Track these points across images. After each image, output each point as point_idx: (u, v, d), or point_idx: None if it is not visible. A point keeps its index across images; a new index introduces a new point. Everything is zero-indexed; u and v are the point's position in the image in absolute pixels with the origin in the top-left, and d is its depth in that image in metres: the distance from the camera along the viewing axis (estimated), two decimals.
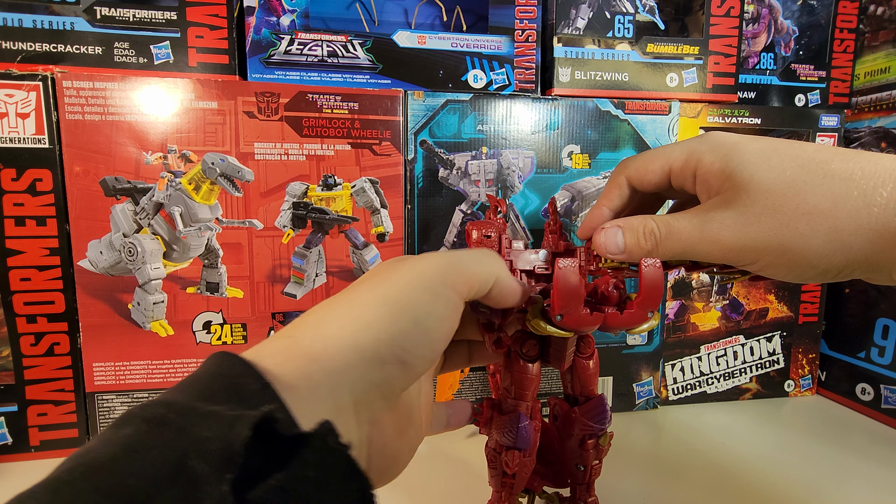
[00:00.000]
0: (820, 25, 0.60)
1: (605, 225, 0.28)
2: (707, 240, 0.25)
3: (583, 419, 0.31)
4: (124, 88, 0.43)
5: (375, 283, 0.22)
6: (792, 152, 0.24)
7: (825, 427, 0.54)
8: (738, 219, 0.24)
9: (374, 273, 0.23)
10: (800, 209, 0.23)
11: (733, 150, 0.25)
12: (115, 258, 0.44)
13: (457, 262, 0.23)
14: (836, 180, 0.23)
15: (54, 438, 0.45)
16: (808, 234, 0.23)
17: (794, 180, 0.23)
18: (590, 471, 0.32)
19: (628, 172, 0.30)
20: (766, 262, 0.24)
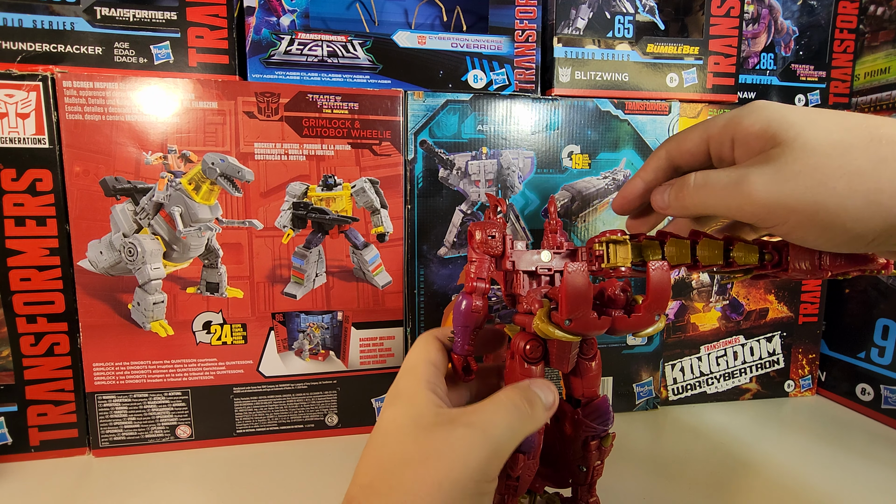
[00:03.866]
0: (820, 25, 0.60)
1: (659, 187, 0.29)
2: (740, 193, 0.24)
3: (586, 421, 0.31)
4: (124, 88, 0.43)
5: (424, 472, 0.22)
6: (838, 117, 0.24)
7: (825, 427, 0.54)
8: (774, 175, 0.23)
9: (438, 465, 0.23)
10: (840, 170, 0.22)
11: (777, 112, 0.25)
12: (115, 258, 0.44)
13: (504, 441, 0.24)
14: (882, 143, 0.22)
15: (54, 438, 0.45)
16: (846, 195, 0.22)
17: (840, 141, 0.22)
18: (592, 471, 0.32)
19: (668, 146, 0.30)
20: (796, 221, 0.23)
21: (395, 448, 0.24)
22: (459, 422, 0.24)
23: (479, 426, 0.24)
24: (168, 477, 0.43)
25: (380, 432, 0.25)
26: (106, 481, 0.42)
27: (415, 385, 0.26)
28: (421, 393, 0.26)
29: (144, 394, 0.46)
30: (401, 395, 0.26)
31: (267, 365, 0.48)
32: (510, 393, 0.26)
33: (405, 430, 0.24)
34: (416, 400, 0.26)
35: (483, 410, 0.24)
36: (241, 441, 0.48)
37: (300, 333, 0.49)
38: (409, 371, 0.27)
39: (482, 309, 0.29)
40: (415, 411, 0.25)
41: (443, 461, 0.23)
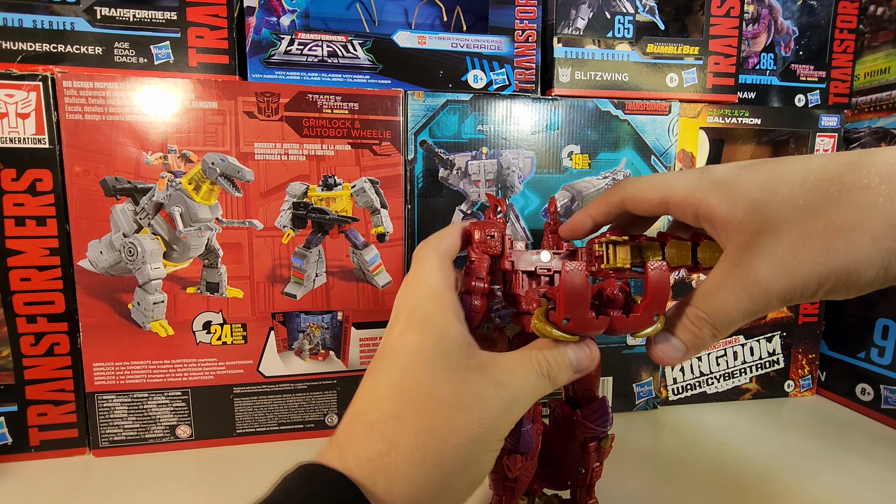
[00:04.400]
0: (820, 26, 0.60)
1: (653, 338, 0.26)
2: (758, 296, 0.23)
3: (584, 422, 0.30)
4: (124, 88, 0.43)
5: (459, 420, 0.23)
6: (798, 176, 0.23)
7: (825, 427, 0.54)
8: (770, 260, 0.22)
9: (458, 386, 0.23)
10: (829, 230, 0.21)
11: (736, 187, 0.24)
12: (115, 258, 0.44)
13: (524, 403, 0.24)
14: (854, 192, 0.21)
15: (54, 438, 0.45)
16: (852, 252, 0.21)
17: (810, 205, 0.22)
18: (591, 473, 0.32)
19: (624, 195, 0.29)
20: (825, 290, 0.22)
21: (426, 384, 0.23)
22: (491, 376, 0.24)
23: (509, 387, 0.24)
24: (168, 477, 0.43)
25: (405, 357, 0.24)
26: (106, 481, 0.42)
27: (443, 315, 0.25)
28: (452, 326, 0.25)
29: (144, 394, 0.46)
30: (429, 323, 0.25)
31: (267, 365, 0.48)
32: (540, 358, 0.25)
33: (436, 365, 0.24)
34: (447, 333, 0.25)
35: (513, 371, 0.24)
36: (241, 441, 0.48)
37: (300, 333, 0.49)
38: (434, 296, 0.26)
39: (481, 308, 0.29)
40: (446, 347, 0.24)
41: (475, 414, 0.23)
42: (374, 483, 0.22)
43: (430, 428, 0.22)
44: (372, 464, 0.22)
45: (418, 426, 0.22)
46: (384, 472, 0.22)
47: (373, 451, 0.22)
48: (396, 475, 0.22)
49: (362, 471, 0.22)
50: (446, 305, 0.25)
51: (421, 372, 0.24)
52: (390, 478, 0.22)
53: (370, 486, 0.21)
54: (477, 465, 0.23)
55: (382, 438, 0.22)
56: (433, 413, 0.22)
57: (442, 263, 0.27)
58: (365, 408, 0.24)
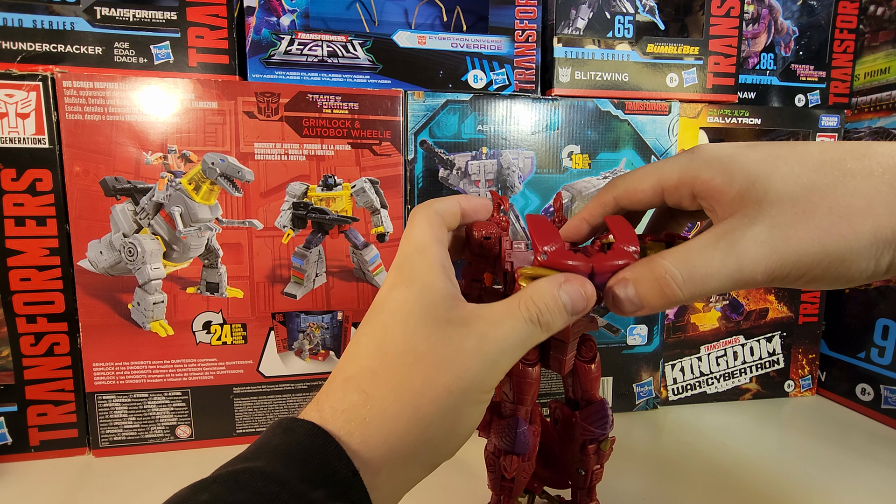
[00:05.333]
0: (820, 26, 0.60)
1: (609, 283, 0.24)
2: (746, 266, 0.21)
3: (583, 424, 0.30)
4: (124, 88, 0.43)
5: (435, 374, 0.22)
6: (797, 156, 0.22)
7: (825, 427, 0.54)
8: (771, 233, 0.21)
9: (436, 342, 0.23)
10: (834, 211, 0.21)
11: (732, 163, 0.23)
12: (115, 258, 0.44)
13: (511, 354, 0.23)
14: (857, 179, 0.21)
15: (54, 438, 0.45)
16: (852, 237, 0.21)
17: (813, 183, 0.21)
18: (590, 475, 0.32)
19: (617, 192, 0.28)
20: (814, 274, 0.21)
21: (404, 338, 0.23)
22: (473, 328, 0.23)
23: (493, 339, 0.22)
24: (168, 477, 0.43)
25: (387, 313, 0.24)
26: (106, 481, 0.42)
27: (428, 269, 0.24)
28: (437, 279, 0.24)
29: (144, 394, 0.46)
30: (414, 278, 0.24)
31: (267, 365, 0.48)
32: (530, 304, 0.23)
33: (417, 319, 0.23)
34: (432, 287, 0.24)
35: (497, 321, 0.23)
36: (241, 441, 0.48)
37: (300, 333, 0.49)
38: (421, 251, 0.25)
39: None
40: (429, 300, 0.23)
41: (454, 368, 0.22)
42: (348, 433, 0.21)
43: (405, 382, 0.22)
44: (347, 414, 0.22)
45: (394, 380, 0.22)
46: (359, 423, 0.22)
47: (348, 402, 0.22)
48: (371, 426, 0.22)
49: (337, 421, 0.22)
50: (432, 259, 0.24)
51: (401, 327, 0.23)
52: (365, 428, 0.21)
53: (345, 437, 0.21)
54: (458, 418, 0.23)
55: (359, 391, 0.22)
56: (410, 367, 0.22)
57: (431, 221, 0.26)
58: (345, 364, 0.24)
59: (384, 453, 0.21)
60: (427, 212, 0.26)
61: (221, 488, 0.18)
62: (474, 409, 0.23)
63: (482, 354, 0.22)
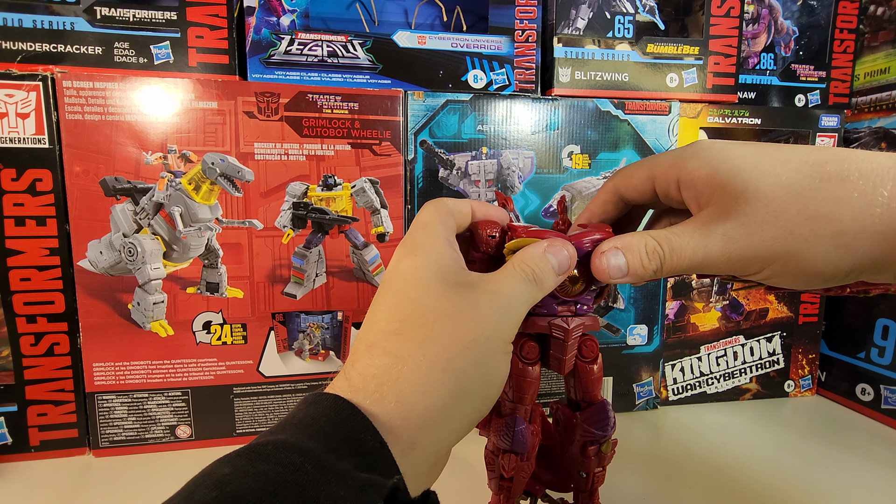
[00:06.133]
0: (820, 26, 0.60)
1: (602, 247, 0.26)
2: (712, 254, 0.24)
3: (584, 425, 0.30)
4: (124, 88, 0.43)
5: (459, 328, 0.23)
6: (783, 156, 0.23)
7: (825, 427, 0.54)
8: (740, 229, 0.23)
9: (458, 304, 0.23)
10: (801, 214, 0.22)
11: (719, 155, 0.24)
12: (115, 258, 0.44)
13: (518, 308, 0.24)
14: (833, 183, 0.22)
15: (54, 438, 0.45)
16: (813, 240, 0.22)
17: (791, 185, 0.23)
18: (592, 478, 0.31)
19: (616, 181, 0.30)
20: (771, 271, 0.23)
21: (422, 299, 0.23)
22: (483, 288, 0.24)
23: (501, 294, 0.24)
24: (168, 477, 0.43)
25: (398, 280, 0.24)
26: (106, 481, 0.42)
27: (434, 239, 0.25)
28: (443, 247, 0.25)
29: (144, 394, 0.46)
30: (421, 247, 0.25)
31: (267, 365, 0.48)
32: (522, 265, 0.25)
33: (430, 282, 0.24)
34: (438, 253, 0.25)
35: (501, 280, 0.25)
36: (242, 441, 0.48)
37: (300, 333, 0.49)
38: (425, 226, 0.26)
39: None
40: (438, 265, 0.24)
41: (475, 320, 0.23)
42: (381, 396, 0.21)
43: (432, 337, 0.22)
44: (377, 379, 0.22)
45: (420, 336, 0.22)
46: (391, 384, 0.21)
47: (377, 366, 0.22)
48: (405, 384, 0.21)
49: (368, 387, 0.22)
50: (437, 234, 0.26)
51: (415, 289, 0.24)
52: (398, 388, 0.21)
53: (377, 400, 0.21)
54: (488, 368, 0.23)
55: (385, 353, 0.22)
56: (433, 324, 0.23)
57: (438, 210, 0.27)
58: (365, 333, 0.24)
59: (422, 410, 0.21)
60: (437, 204, 0.28)
61: (243, 460, 0.18)
62: (502, 359, 0.24)
63: (496, 307, 0.23)
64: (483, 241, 0.28)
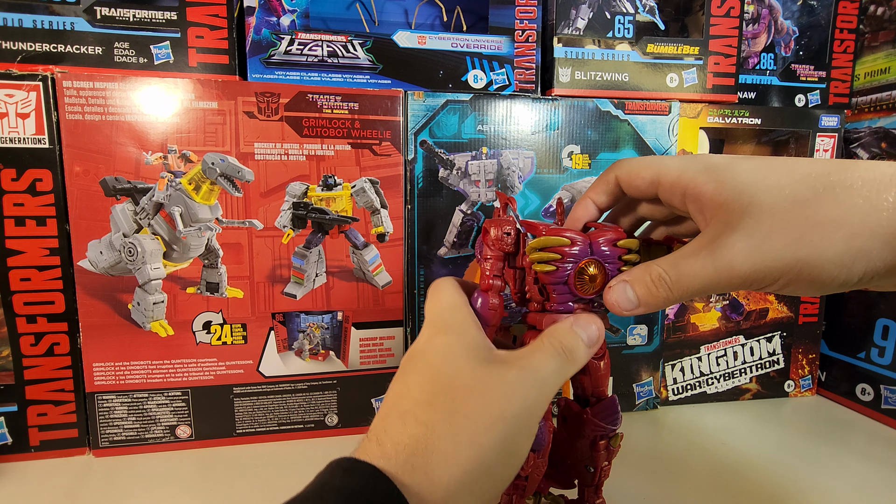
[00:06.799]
0: (820, 26, 0.60)
1: (610, 283, 0.27)
2: (722, 271, 0.24)
3: (595, 420, 0.30)
4: (124, 88, 0.43)
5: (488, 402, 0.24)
6: (786, 168, 0.24)
7: (825, 427, 0.54)
8: (747, 241, 0.23)
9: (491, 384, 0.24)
10: (810, 221, 0.22)
11: (726, 171, 0.25)
12: (115, 258, 0.44)
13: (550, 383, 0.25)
14: (837, 190, 0.22)
15: (54, 438, 0.45)
16: (825, 245, 0.22)
17: (795, 195, 0.23)
18: (599, 472, 0.32)
19: (619, 172, 0.30)
20: (786, 280, 0.23)
21: (453, 375, 0.24)
22: (512, 364, 0.25)
23: (530, 369, 0.25)
24: (168, 477, 0.43)
25: (431, 355, 0.26)
26: (106, 481, 0.42)
27: (463, 321, 0.27)
28: (473, 329, 0.27)
29: (144, 394, 0.46)
30: (451, 327, 0.27)
31: (267, 365, 0.48)
32: (552, 340, 0.26)
33: (461, 359, 0.25)
34: (469, 334, 0.26)
35: (530, 356, 0.25)
36: (241, 441, 0.48)
37: (300, 333, 0.49)
38: (454, 308, 0.28)
39: (499, 307, 0.29)
40: (469, 344, 0.26)
41: (505, 396, 0.24)
42: (412, 467, 0.22)
43: (461, 410, 0.23)
44: (409, 448, 0.22)
45: (450, 408, 0.23)
46: (422, 455, 0.22)
47: (409, 435, 0.23)
48: (435, 455, 0.22)
49: (400, 456, 0.22)
50: (465, 314, 0.27)
51: (448, 364, 0.25)
52: (427, 458, 0.22)
53: (409, 472, 0.22)
54: (513, 446, 0.24)
55: (417, 422, 0.23)
56: (463, 397, 0.24)
57: (457, 288, 0.29)
58: (397, 400, 0.25)
59: (447, 483, 0.22)
60: (452, 282, 0.30)
61: None
62: (525, 439, 0.25)
63: (524, 383, 0.24)
64: (498, 239, 0.29)
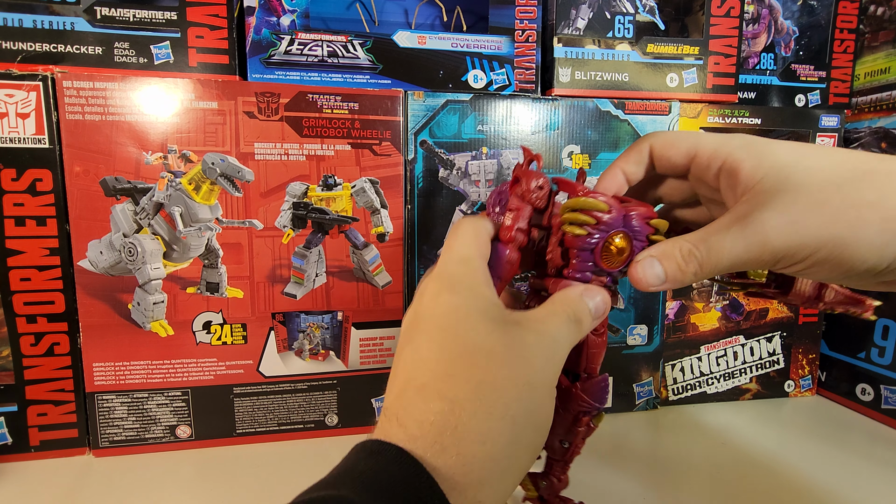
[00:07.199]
0: (820, 26, 0.60)
1: (637, 258, 0.26)
2: (753, 246, 0.23)
3: (582, 395, 0.30)
4: (124, 88, 0.43)
5: (512, 369, 0.22)
6: (824, 153, 0.24)
7: (825, 427, 0.54)
8: (781, 217, 0.22)
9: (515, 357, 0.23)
10: (846, 202, 0.22)
11: (765, 148, 0.25)
12: (115, 258, 0.44)
13: (562, 349, 0.24)
14: (876, 175, 0.22)
15: (54, 438, 0.45)
16: (859, 225, 0.22)
17: (832, 177, 0.23)
18: (573, 449, 0.31)
19: (654, 141, 0.29)
20: (816, 259, 0.23)
21: (468, 337, 0.22)
22: (529, 327, 0.23)
23: (548, 335, 0.24)
24: (168, 477, 0.43)
25: (441, 317, 0.23)
26: (106, 481, 0.42)
27: (473, 277, 0.24)
28: (484, 288, 0.24)
29: (144, 394, 0.46)
30: (460, 284, 0.24)
31: (267, 365, 0.48)
32: (565, 306, 0.25)
33: (475, 320, 0.23)
34: (479, 294, 0.24)
35: (546, 320, 0.24)
36: (241, 441, 0.48)
37: (300, 333, 0.49)
38: (464, 261, 0.25)
39: (517, 262, 0.27)
40: (480, 304, 0.23)
41: (526, 362, 0.22)
42: (442, 448, 0.20)
43: (487, 380, 0.21)
44: (436, 427, 0.21)
45: (475, 379, 0.21)
46: (451, 433, 0.20)
47: (433, 412, 0.21)
48: (465, 433, 0.21)
49: (427, 436, 0.21)
50: (476, 271, 0.25)
51: (462, 326, 0.23)
52: (458, 437, 0.20)
53: (439, 453, 0.20)
54: (540, 414, 0.23)
55: (440, 397, 0.21)
56: (486, 365, 0.22)
57: (477, 236, 0.26)
58: (412, 373, 0.23)
59: (483, 463, 0.21)
60: (474, 227, 0.27)
61: None
62: (549, 404, 0.24)
63: (542, 348, 0.23)
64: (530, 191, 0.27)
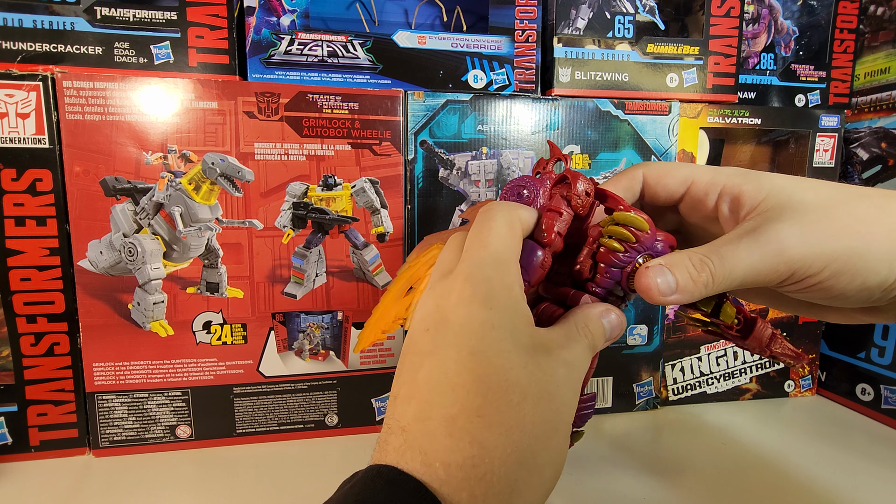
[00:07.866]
0: (820, 26, 0.60)
1: (647, 264, 0.24)
2: (768, 256, 0.23)
3: None
4: (124, 88, 0.43)
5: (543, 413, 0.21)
6: (814, 181, 0.25)
7: (825, 427, 0.54)
8: (794, 228, 0.23)
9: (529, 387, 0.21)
10: (851, 216, 0.23)
11: (762, 175, 0.26)
12: (115, 258, 0.44)
13: (581, 381, 0.24)
14: (871, 196, 0.24)
15: (54, 438, 0.45)
16: (868, 237, 0.23)
17: (832, 197, 0.24)
18: None
19: (648, 170, 0.29)
20: (832, 270, 0.23)
21: (504, 371, 0.21)
22: (557, 357, 0.22)
23: (576, 368, 0.23)
24: (168, 477, 0.43)
25: (474, 339, 0.22)
26: (106, 481, 0.42)
27: (511, 288, 0.23)
28: (520, 303, 0.23)
29: (144, 394, 0.46)
30: (497, 298, 0.22)
31: (267, 365, 0.48)
32: (585, 329, 0.24)
33: (508, 346, 0.21)
34: (515, 311, 0.22)
35: (570, 347, 0.23)
36: (241, 441, 0.48)
37: (300, 333, 0.49)
38: (500, 264, 0.23)
39: (549, 267, 0.26)
40: (513, 325, 0.22)
41: (555, 402, 0.22)
42: (470, 497, 0.20)
43: (519, 424, 0.20)
44: (464, 472, 0.20)
45: (506, 423, 0.20)
46: (479, 481, 0.20)
47: (462, 456, 0.20)
48: (494, 482, 0.20)
49: (453, 481, 0.20)
50: (513, 280, 0.23)
51: (495, 356, 0.21)
52: (486, 486, 0.20)
53: (465, 500, 0.20)
54: (562, 456, 0.22)
55: (471, 441, 0.20)
56: (519, 406, 0.21)
57: (513, 231, 0.24)
58: (438, 397, 0.21)
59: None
60: (509, 217, 0.25)
61: None
62: (566, 445, 0.23)
63: (571, 383, 0.23)
64: (577, 195, 0.26)
